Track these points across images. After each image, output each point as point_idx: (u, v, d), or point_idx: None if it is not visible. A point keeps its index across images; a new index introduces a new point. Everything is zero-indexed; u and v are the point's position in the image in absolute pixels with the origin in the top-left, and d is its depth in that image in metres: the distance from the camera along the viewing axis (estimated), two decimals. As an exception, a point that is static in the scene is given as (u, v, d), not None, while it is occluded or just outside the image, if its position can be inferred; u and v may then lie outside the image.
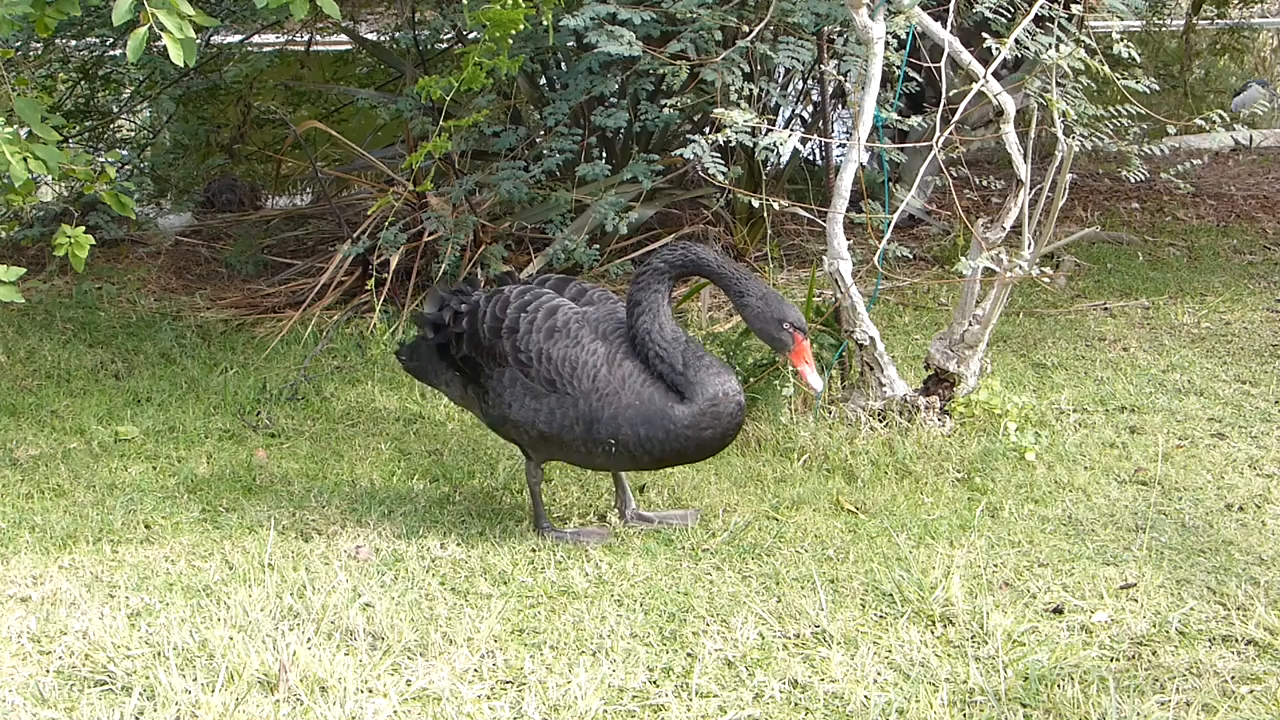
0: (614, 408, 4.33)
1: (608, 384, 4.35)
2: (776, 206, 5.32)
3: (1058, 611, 3.96)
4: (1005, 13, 5.35)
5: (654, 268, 4.42)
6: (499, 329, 4.48)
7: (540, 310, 4.47)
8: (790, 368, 4.54)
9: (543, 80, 8.39)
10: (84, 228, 5.07)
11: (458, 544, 4.51)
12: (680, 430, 4.29)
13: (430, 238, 7.40)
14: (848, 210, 5.31)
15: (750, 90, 5.66)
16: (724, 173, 5.25)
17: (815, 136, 7.10)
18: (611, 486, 4.86)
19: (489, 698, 3.56)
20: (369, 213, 7.47)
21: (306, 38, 10.35)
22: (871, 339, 5.35)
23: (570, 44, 7.77)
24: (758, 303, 4.40)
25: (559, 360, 4.39)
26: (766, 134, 5.20)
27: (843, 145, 5.67)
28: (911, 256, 6.45)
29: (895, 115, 5.42)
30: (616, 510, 4.72)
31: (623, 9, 6.20)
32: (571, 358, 4.39)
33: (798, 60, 6.30)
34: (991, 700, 3.49)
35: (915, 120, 5.31)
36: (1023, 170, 5.19)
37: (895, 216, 5.17)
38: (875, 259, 5.13)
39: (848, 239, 5.34)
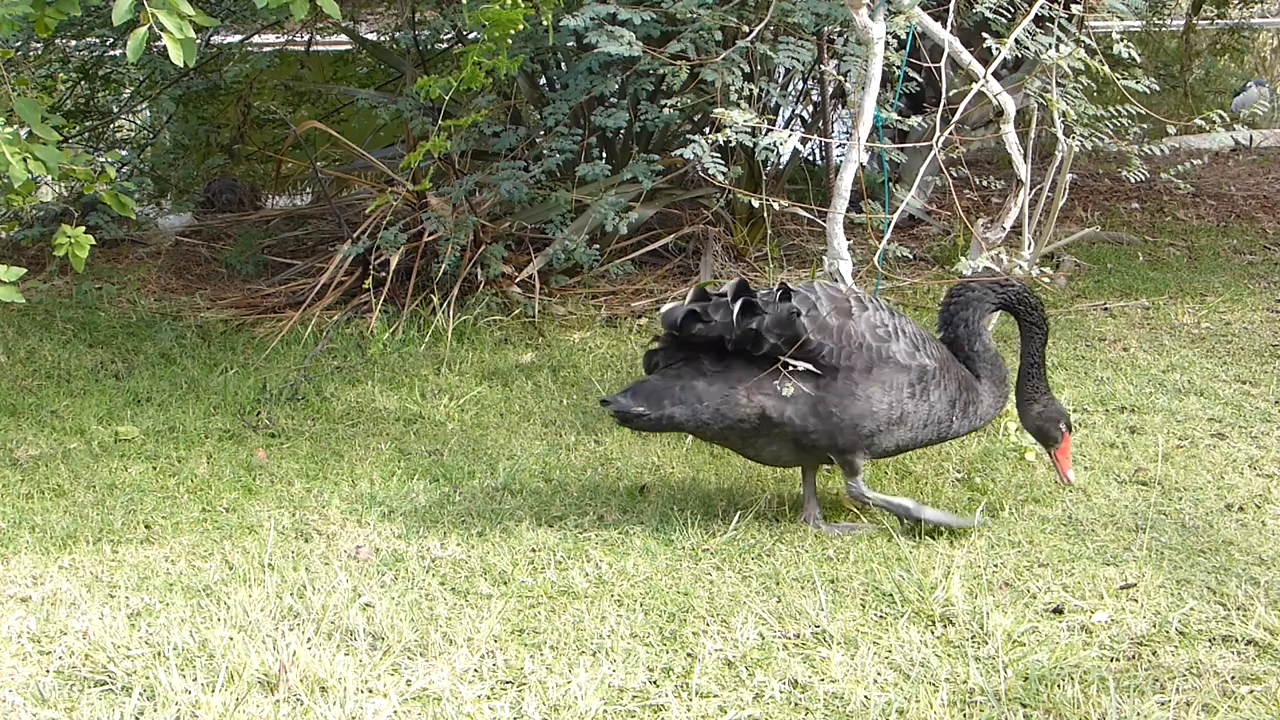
0: (964, 382, 4.60)
1: (948, 357, 4.59)
2: (776, 206, 5.32)
3: (1058, 611, 3.95)
4: (1005, 13, 5.35)
5: (987, 300, 4.66)
6: (847, 309, 4.46)
7: (864, 298, 4.53)
8: (1052, 462, 4.86)
9: (543, 80, 8.39)
10: (84, 228, 5.06)
11: (458, 544, 4.51)
12: (989, 410, 4.70)
13: (430, 238, 7.39)
14: (848, 210, 5.31)
15: (750, 90, 5.66)
16: (724, 173, 5.25)
17: (815, 136, 7.11)
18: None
19: (489, 698, 3.55)
20: (368, 212, 7.47)
21: (306, 38, 10.35)
22: (872, 339, 5.35)
23: (570, 44, 7.77)
24: (1046, 399, 4.71)
25: (912, 335, 4.50)
26: (766, 134, 5.20)
27: (843, 145, 5.67)
28: (911, 256, 6.45)
29: (895, 115, 5.42)
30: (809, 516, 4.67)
31: (623, 9, 6.20)
32: (918, 333, 4.53)
33: (798, 60, 6.30)
34: (991, 700, 3.49)
35: (915, 120, 5.31)
36: (1023, 170, 5.20)
37: (895, 216, 5.17)
38: (875, 259, 5.13)
39: (848, 239, 5.34)
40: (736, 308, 4.36)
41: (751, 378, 4.39)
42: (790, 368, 4.37)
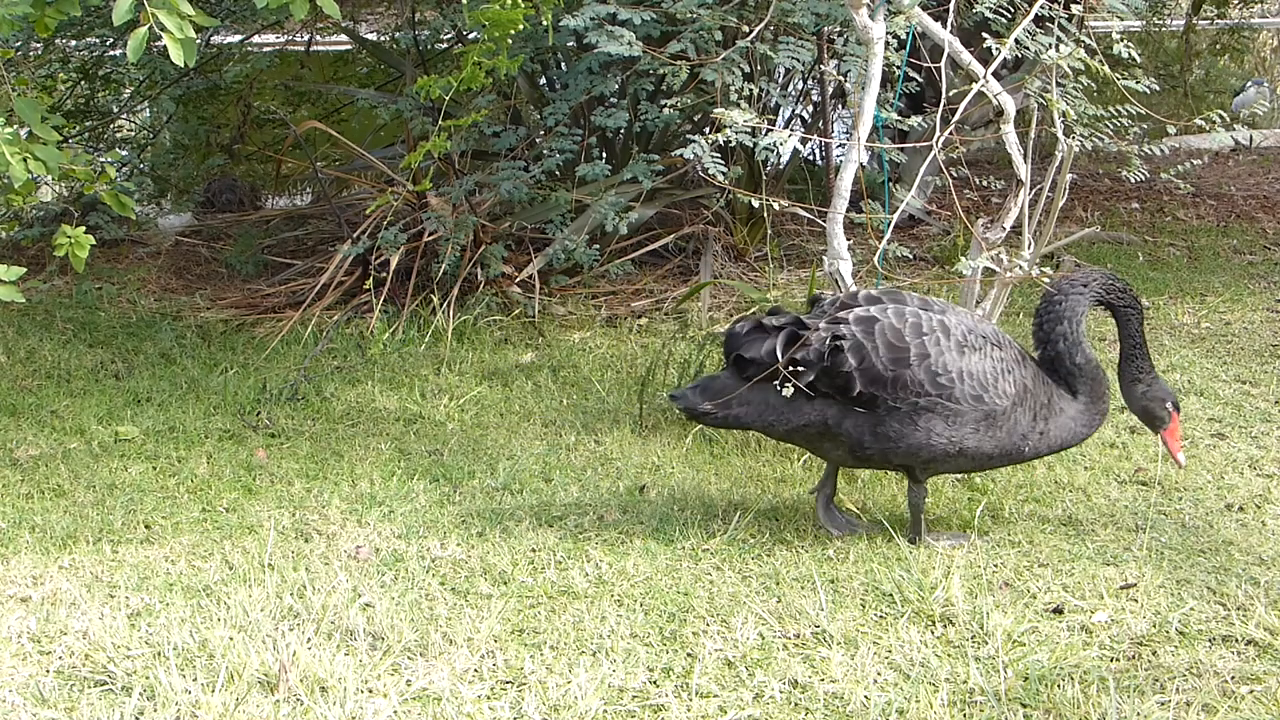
0: (1040, 411, 4.45)
1: (1025, 389, 4.42)
2: (776, 206, 5.32)
3: (1058, 611, 3.95)
4: (1005, 13, 5.35)
5: (1080, 306, 4.51)
6: (905, 359, 4.31)
7: (936, 329, 4.37)
8: (1162, 443, 4.74)
9: (543, 80, 8.39)
10: (84, 228, 5.06)
11: (458, 544, 4.51)
12: (1080, 429, 4.52)
13: (430, 238, 7.40)
14: (848, 210, 5.31)
15: (750, 90, 5.66)
16: (724, 173, 5.25)
17: (815, 136, 7.11)
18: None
19: (489, 698, 3.55)
20: (368, 212, 7.47)
21: (306, 38, 10.35)
22: (871, 339, 5.34)
23: (570, 44, 7.77)
24: (1150, 379, 4.60)
25: (980, 375, 4.34)
26: (766, 134, 5.20)
27: (843, 145, 5.67)
28: (911, 256, 6.45)
29: (895, 115, 5.42)
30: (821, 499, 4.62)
31: (623, 9, 6.20)
32: (991, 370, 4.36)
33: (798, 60, 6.30)
34: (991, 700, 3.49)
35: (915, 120, 5.31)
36: (1023, 170, 5.19)
37: (895, 216, 5.17)
38: (875, 259, 5.13)
39: (848, 239, 5.33)
40: (784, 359, 4.34)
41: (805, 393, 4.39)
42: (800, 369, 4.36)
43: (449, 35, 8.40)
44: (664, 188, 7.80)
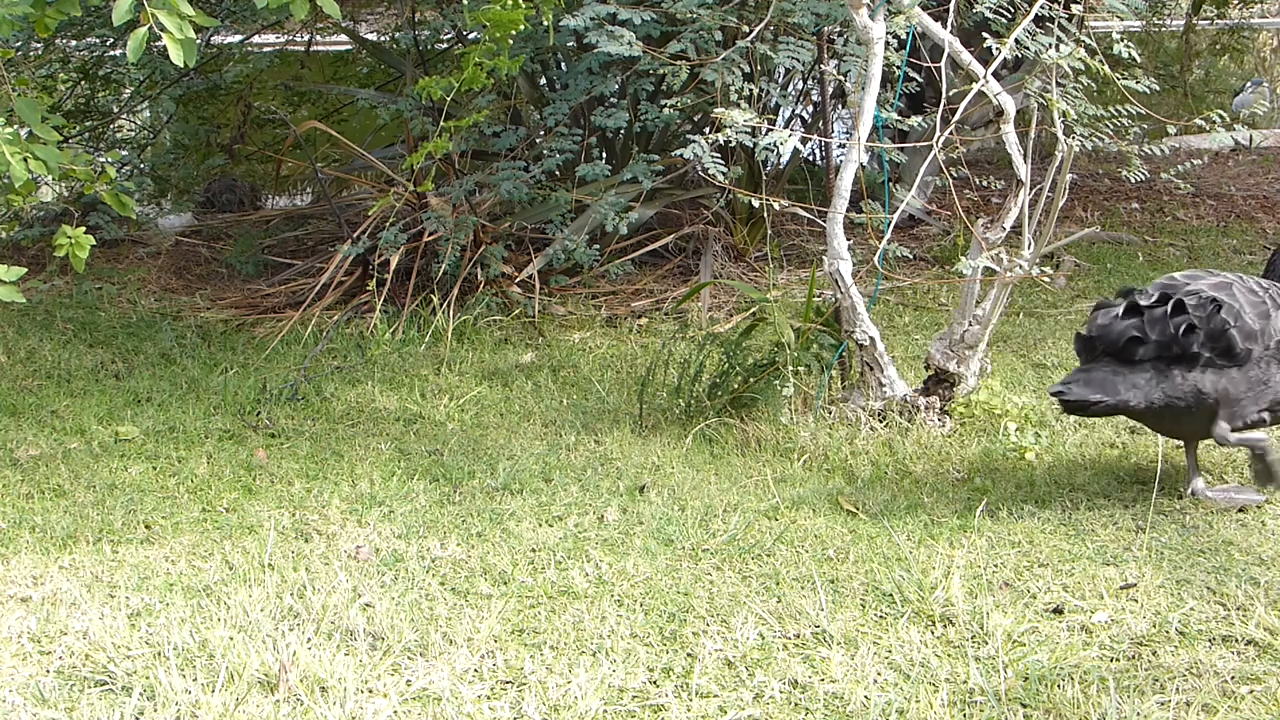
0: None
1: None
2: (776, 206, 5.32)
3: (1058, 611, 3.95)
4: (1005, 13, 5.35)
5: None
6: (1265, 311, 4.66)
7: (1266, 288, 4.72)
8: None
9: (543, 80, 8.39)
10: (84, 228, 5.06)
11: (458, 544, 4.51)
12: None
13: (430, 238, 7.40)
14: (848, 210, 5.31)
15: (750, 90, 5.67)
16: (724, 173, 5.25)
17: (815, 136, 7.11)
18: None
19: (489, 698, 3.55)
20: (369, 213, 7.48)
21: (306, 38, 10.36)
22: (871, 339, 5.36)
23: (570, 44, 7.78)
24: None
25: None
26: (766, 134, 5.21)
27: (843, 145, 5.67)
28: (911, 256, 6.46)
29: (895, 115, 5.42)
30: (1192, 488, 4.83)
31: (623, 9, 6.21)
32: None
33: (798, 60, 6.31)
34: (991, 700, 3.49)
35: (915, 120, 5.31)
36: (1023, 170, 5.20)
37: (895, 216, 5.17)
38: (875, 259, 5.13)
39: (848, 239, 5.34)
40: (1181, 330, 4.58)
41: (1183, 364, 4.64)
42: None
43: (449, 35, 8.41)
44: (664, 188, 7.80)
